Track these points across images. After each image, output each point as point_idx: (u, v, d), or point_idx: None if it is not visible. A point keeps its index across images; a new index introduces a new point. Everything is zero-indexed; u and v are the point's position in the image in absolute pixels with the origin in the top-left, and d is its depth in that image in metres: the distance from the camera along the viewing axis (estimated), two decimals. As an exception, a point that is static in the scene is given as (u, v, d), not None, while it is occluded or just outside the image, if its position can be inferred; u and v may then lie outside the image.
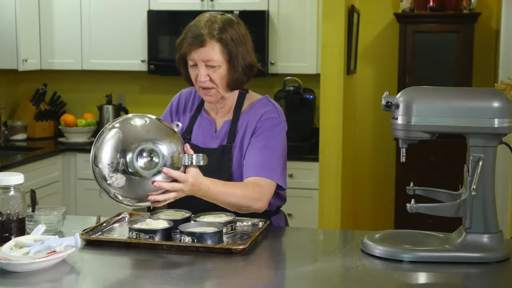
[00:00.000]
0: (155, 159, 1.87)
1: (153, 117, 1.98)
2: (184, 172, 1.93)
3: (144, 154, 1.86)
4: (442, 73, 5.10)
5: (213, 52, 2.15)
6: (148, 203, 1.94)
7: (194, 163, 1.93)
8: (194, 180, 1.94)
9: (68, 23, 4.85)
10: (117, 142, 1.88)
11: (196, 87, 2.25)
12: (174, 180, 1.91)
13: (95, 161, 1.89)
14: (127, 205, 1.94)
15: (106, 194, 1.91)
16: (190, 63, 2.20)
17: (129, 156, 1.85)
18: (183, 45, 2.19)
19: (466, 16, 5.00)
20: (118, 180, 1.86)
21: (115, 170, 1.86)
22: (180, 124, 1.98)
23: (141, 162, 1.86)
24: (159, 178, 1.88)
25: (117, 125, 1.93)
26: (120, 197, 1.91)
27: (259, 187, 2.13)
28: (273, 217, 2.28)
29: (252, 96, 2.33)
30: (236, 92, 2.29)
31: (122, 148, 1.87)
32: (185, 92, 2.40)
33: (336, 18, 4.21)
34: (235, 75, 2.20)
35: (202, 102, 2.34)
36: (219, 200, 2.06)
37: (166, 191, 1.91)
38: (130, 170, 1.85)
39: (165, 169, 1.88)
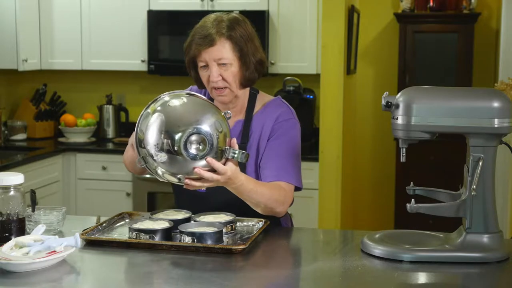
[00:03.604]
0: (202, 147, 1.88)
1: (192, 95, 1.98)
2: (224, 163, 1.94)
3: (193, 140, 1.87)
4: (442, 73, 5.10)
5: (224, 50, 2.15)
6: (181, 182, 1.94)
7: (236, 159, 1.93)
8: (232, 174, 1.94)
9: (68, 23, 4.86)
10: (161, 124, 1.87)
11: (208, 89, 2.23)
12: (213, 169, 1.91)
13: (142, 143, 1.89)
14: (160, 177, 1.94)
15: (144, 163, 1.91)
16: (201, 64, 2.18)
17: (177, 138, 1.86)
18: (192, 47, 2.17)
19: (466, 16, 5.00)
20: (162, 157, 1.87)
21: (161, 149, 1.86)
22: (230, 112, 1.98)
23: (189, 148, 1.86)
24: (201, 164, 1.89)
25: (159, 108, 1.92)
26: (159, 171, 1.91)
27: (283, 191, 2.15)
28: (281, 218, 2.29)
29: (264, 97, 2.33)
30: (247, 91, 2.29)
31: (167, 130, 1.87)
32: (195, 89, 2.38)
33: (336, 18, 4.21)
34: (247, 72, 2.20)
35: (211, 100, 2.32)
36: (248, 197, 2.06)
37: (203, 178, 1.91)
38: (175, 150, 1.86)
39: (209, 159, 1.89)
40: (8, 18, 4.52)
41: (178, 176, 1.92)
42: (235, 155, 1.93)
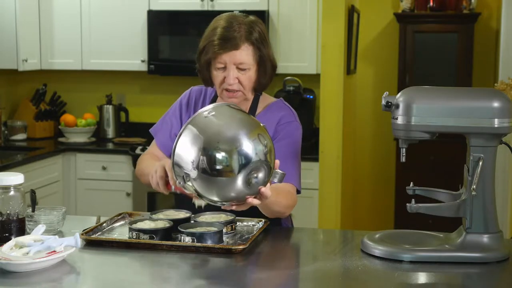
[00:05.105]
0: (259, 178, 1.82)
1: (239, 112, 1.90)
2: None
3: (253, 172, 1.80)
4: (442, 73, 5.10)
5: (246, 55, 2.14)
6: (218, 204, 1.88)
7: (276, 181, 1.90)
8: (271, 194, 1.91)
9: (68, 23, 4.86)
10: (199, 142, 1.78)
11: (218, 90, 2.22)
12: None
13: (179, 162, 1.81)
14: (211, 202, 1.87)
15: (183, 182, 1.83)
16: (219, 65, 2.15)
17: (221, 159, 1.77)
18: (213, 48, 2.13)
19: (466, 16, 5.00)
20: (195, 175, 1.78)
21: (196, 167, 1.78)
22: (265, 126, 1.93)
23: (249, 180, 1.80)
24: (247, 191, 1.83)
25: (199, 124, 1.82)
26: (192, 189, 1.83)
27: (292, 195, 2.15)
28: (283, 219, 2.29)
29: (266, 98, 2.33)
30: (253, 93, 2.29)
31: (205, 147, 1.78)
32: (195, 90, 2.37)
33: (336, 18, 4.21)
34: (263, 78, 2.20)
35: (213, 101, 2.31)
36: (266, 208, 2.05)
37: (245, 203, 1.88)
38: (216, 170, 1.77)
39: (263, 190, 1.83)
40: (8, 18, 4.52)
41: (214, 198, 1.85)
42: (277, 178, 1.89)
